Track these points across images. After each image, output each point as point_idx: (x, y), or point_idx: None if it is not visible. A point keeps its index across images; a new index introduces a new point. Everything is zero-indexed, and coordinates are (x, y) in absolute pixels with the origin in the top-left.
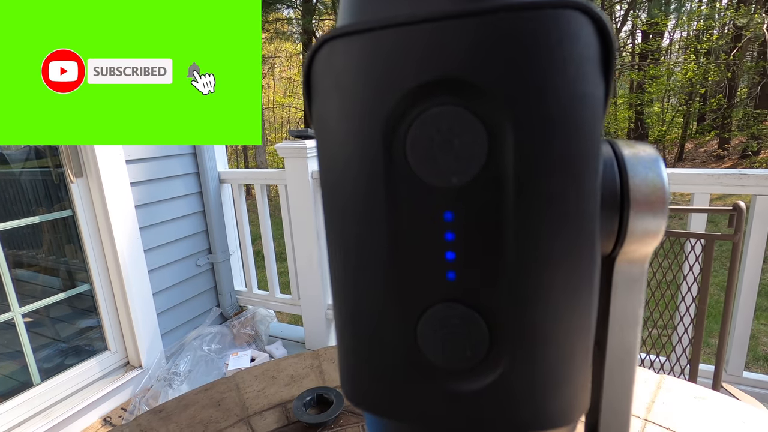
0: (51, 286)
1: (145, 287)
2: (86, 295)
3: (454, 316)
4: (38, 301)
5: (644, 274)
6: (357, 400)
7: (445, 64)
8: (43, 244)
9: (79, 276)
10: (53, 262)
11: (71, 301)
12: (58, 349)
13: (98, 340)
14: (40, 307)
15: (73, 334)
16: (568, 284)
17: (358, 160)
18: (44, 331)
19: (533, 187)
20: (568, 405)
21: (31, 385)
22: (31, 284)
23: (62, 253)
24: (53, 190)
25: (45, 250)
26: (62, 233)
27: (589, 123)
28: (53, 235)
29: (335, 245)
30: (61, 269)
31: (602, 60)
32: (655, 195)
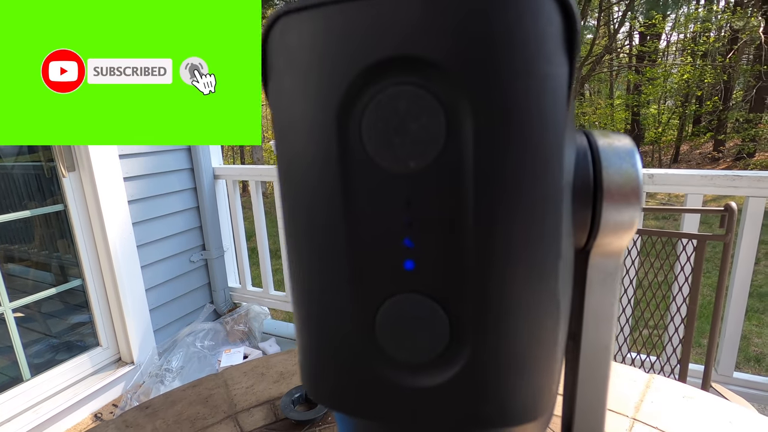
0: (42, 281)
1: (137, 283)
2: (78, 291)
3: (413, 307)
4: (29, 296)
5: (619, 269)
6: (318, 397)
7: (402, 40)
8: (34, 239)
9: (70, 271)
10: (45, 256)
11: (63, 297)
12: (49, 344)
13: (90, 336)
14: (31, 302)
15: (65, 330)
16: (532, 276)
17: (312, 143)
18: (35, 326)
19: (493, 172)
20: (533, 401)
21: (21, 381)
22: (22, 279)
23: (54, 248)
24: (45, 184)
25: (36, 244)
26: (54, 228)
27: (551, 104)
28: (45, 229)
29: (291, 235)
30: (52, 264)
31: (566, 39)
32: (628, 186)
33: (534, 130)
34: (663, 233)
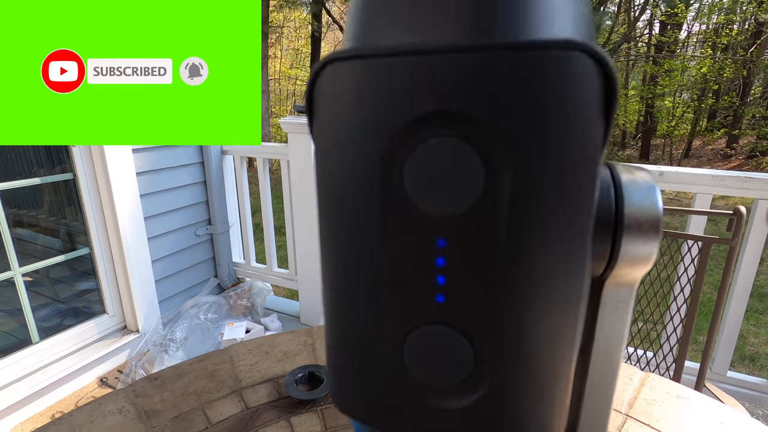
0: (51, 247)
1: (144, 254)
2: (86, 258)
3: (441, 337)
4: (38, 262)
5: (632, 296)
6: (344, 408)
7: (448, 96)
8: (43, 205)
9: (79, 239)
10: (53, 223)
11: (71, 263)
12: (57, 309)
13: (96, 303)
14: (40, 268)
15: (72, 296)
16: (554, 313)
17: (356, 183)
18: (43, 291)
19: (525, 223)
20: (549, 423)
21: (30, 343)
22: (32, 244)
23: (63, 216)
24: (54, 153)
25: (46, 211)
26: (63, 196)
27: (586, 164)
28: (54, 197)
29: (330, 260)
30: (61, 231)
31: (604, 102)
32: (648, 222)
33: (567, 187)
34: (669, 234)
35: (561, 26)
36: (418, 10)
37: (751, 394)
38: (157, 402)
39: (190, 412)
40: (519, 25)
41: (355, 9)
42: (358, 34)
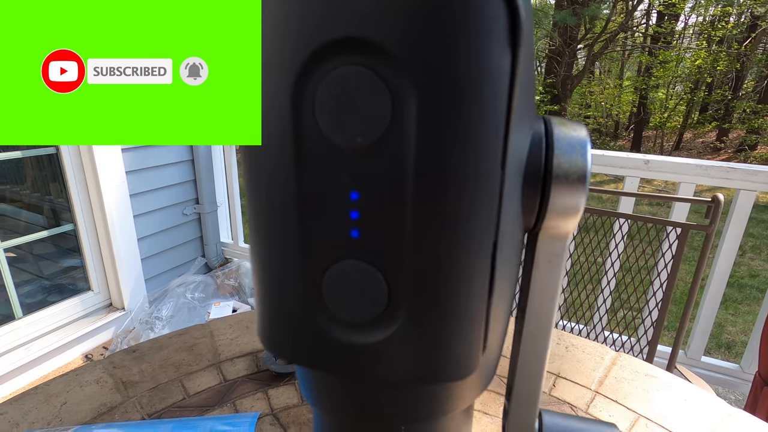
0: (34, 223)
1: (129, 231)
2: (70, 235)
3: (356, 272)
4: (21, 237)
5: (565, 251)
6: (268, 345)
7: (356, 23)
8: (26, 180)
9: (63, 215)
10: (37, 199)
11: (55, 240)
12: (41, 285)
13: (81, 280)
14: (23, 243)
15: (56, 272)
16: (467, 252)
17: (269, 114)
18: (27, 267)
19: (433, 152)
20: (458, 363)
21: (12, 318)
22: (14, 220)
23: (46, 191)
24: None
25: (28, 186)
26: (47, 171)
27: (491, 94)
28: (37, 172)
29: (250, 197)
30: (44, 207)
31: (510, 32)
32: (576, 174)
33: (474, 118)
34: (649, 219)
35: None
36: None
37: (725, 378)
38: (135, 373)
39: (168, 383)
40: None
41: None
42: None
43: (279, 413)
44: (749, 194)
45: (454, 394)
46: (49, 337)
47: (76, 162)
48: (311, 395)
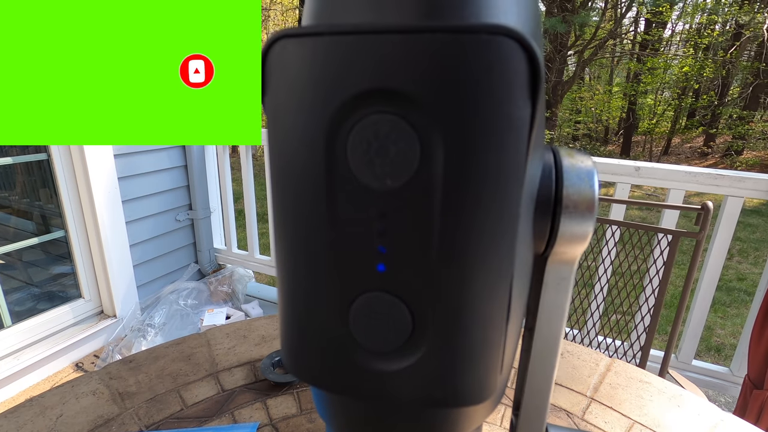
0: (23, 230)
1: (121, 238)
2: (60, 242)
3: (382, 303)
4: (12, 244)
5: (572, 274)
6: (293, 371)
7: (386, 75)
8: (16, 186)
9: (53, 221)
10: (27, 205)
11: (45, 247)
12: (31, 293)
13: (72, 288)
14: (12, 251)
15: (46, 280)
16: (487, 284)
17: (303, 156)
18: (16, 274)
19: (459, 194)
20: (480, 387)
21: (1, 327)
22: (3, 226)
23: (36, 197)
24: None
25: (18, 192)
26: (37, 177)
27: (513, 141)
28: (27, 177)
29: (280, 233)
30: (34, 213)
31: (530, 85)
32: (585, 203)
33: (496, 163)
34: (640, 226)
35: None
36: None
37: (715, 382)
38: (132, 384)
39: (166, 394)
40: (458, 10)
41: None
42: (310, 13)
43: (278, 423)
44: (737, 200)
45: (470, 416)
46: (38, 345)
47: (68, 168)
48: (329, 417)
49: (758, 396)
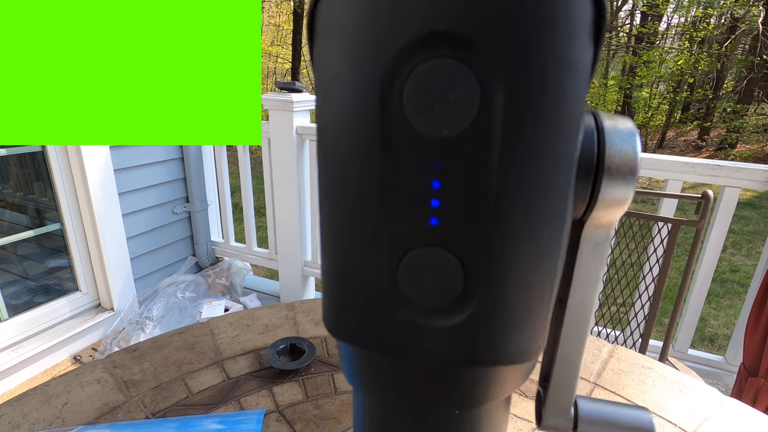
0: (18, 223)
1: (118, 230)
2: (56, 235)
3: (433, 258)
4: (7, 237)
5: (609, 239)
6: (337, 331)
7: (444, 18)
8: (10, 179)
9: (48, 215)
10: (21, 198)
11: (40, 240)
12: (27, 286)
13: (69, 281)
14: (7, 244)
15: (43, 273)
16: (539, 240)
17: (355, 106)
18: (11, 267)
19: (517, 145)
20: (526, 346)
21: None
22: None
23: (31, 190)
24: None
25: (12, 185)
26: (31, 169)
27: (574, 86)
28: (22, 170)
29: (328, 181)
30: (29, 206)
31: (594, 28)
32: (627, 166)
33: (557, 110)
34: (641, 215)
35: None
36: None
37: (710, 370)
38: (137, 372)
39: (171, 382)
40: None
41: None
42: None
43: (284, 410)
44: (733, 191)
45: (507, 379)
46: (36, 338)
47: (63, 160)
48: (359, 377)
49: (753, 383)
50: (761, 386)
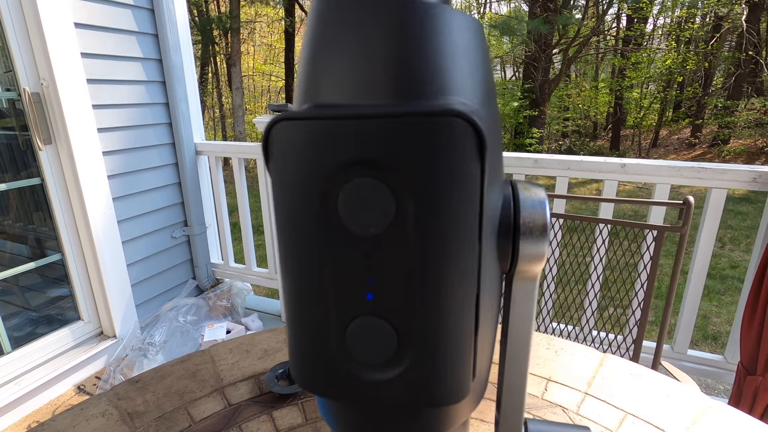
0: (19, 254)
1: (118, 258)
2: (57, 265)
3: (372, 325)
4: (8, 270)
5: (536, 288)
6: (301, 383)
7: (365, 148)
8: (10, 212)
9: (49, 244)
10: (21, 230)
11: (41, 270)
12: (29, 317)
13: (70, 310)
14: (9, 276)
15: (44, 303)
16: (458, 306)
17: (302, 211)
18: (13, 299)
19: (429, 235)
20: (456, 389)
21: (1, 353)
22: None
23: (31, 221)
24: (20, 156)
25: (12, 217)
26: (31, 201)
27: (466, 194)
28: (21, 202)
29: (286, 268)
30: (29, 237)
31: (478, 151)
32: (538, 229)
33: (455, 210)
34: (627, 223)
35: (460, 90)
36: (347, 78)
37: (711, 370)
38: (140, 404)
39: (174, 411)
40: (427, 91)
41: (301, 71)
42: (303, 92)
43: None
44: (720, 192)
45: (452, 413)
46: (39, 370)
47: (62, 191)
48: (332, 421)
49: (752, 382)
50: (760, 385)
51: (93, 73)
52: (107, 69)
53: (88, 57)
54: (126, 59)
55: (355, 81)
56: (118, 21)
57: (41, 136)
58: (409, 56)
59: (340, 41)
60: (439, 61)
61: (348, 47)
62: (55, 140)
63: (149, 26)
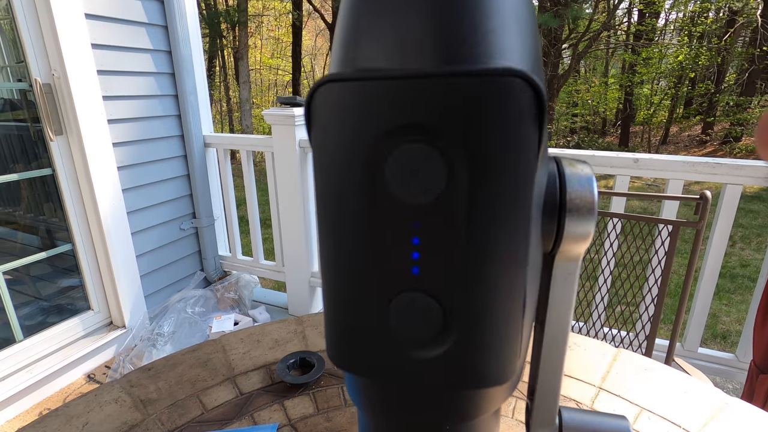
0: (30, 245)
1: (128, 249)
2: (68, 255)
3: (416, 301)
4: (20, 260)
5: (578, 269)
6: (340, 363)
7: (417, 111)
8: (21, 202)
9: (59, 235)
10: (32, 220)
11: (52, 261)
12: (40, 307)
13: (80, 300)
14: (21, 266)
15: (55, 293)
16: (505, 282)
17: (347, 179)
18: (25, 289)
19: (480, 206)
20: (502, 369)
21: (13, 342)
22: (10, 242)
23: (42, 212)
24: (31, 147)
25: (24, 208)
26: (42, 192)
27: (523, 161)
28: (32, 193)
29: (328, 243)
30: (41, 228)
31: (537, 115)
32: (586, 206)
33: (510, 179)
34: (641, 218)
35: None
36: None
37: (722, 368)
38: (153, 391)
39: (186, 399)
40: (475, 55)
41: (341, 37)
42: (344, 58)
43: (296, 423)
44: (735, 188)
45: (491, 397)
46: (50, 358)
47: (73, 182)
48: (366, 402)
49: (764, 381)
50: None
51: (103, 64)
52: (117, 60)
53: (99, 48)
54: (136, 50)
55: (401, 45)
56: (128, 12)
57: (52, 127)
58: (458, 18)
59: (384, 4)
60: (488, 23)
61: (392, 10)
62: (66, 131)
63: (159, 17)
